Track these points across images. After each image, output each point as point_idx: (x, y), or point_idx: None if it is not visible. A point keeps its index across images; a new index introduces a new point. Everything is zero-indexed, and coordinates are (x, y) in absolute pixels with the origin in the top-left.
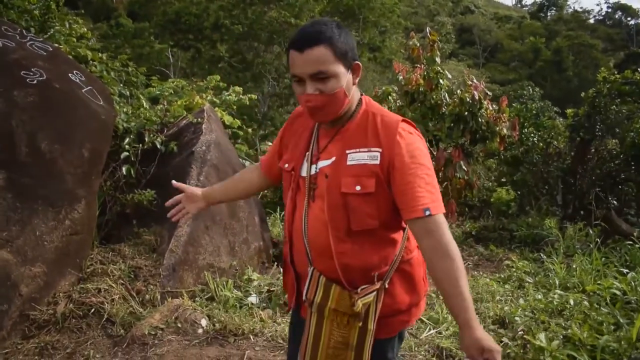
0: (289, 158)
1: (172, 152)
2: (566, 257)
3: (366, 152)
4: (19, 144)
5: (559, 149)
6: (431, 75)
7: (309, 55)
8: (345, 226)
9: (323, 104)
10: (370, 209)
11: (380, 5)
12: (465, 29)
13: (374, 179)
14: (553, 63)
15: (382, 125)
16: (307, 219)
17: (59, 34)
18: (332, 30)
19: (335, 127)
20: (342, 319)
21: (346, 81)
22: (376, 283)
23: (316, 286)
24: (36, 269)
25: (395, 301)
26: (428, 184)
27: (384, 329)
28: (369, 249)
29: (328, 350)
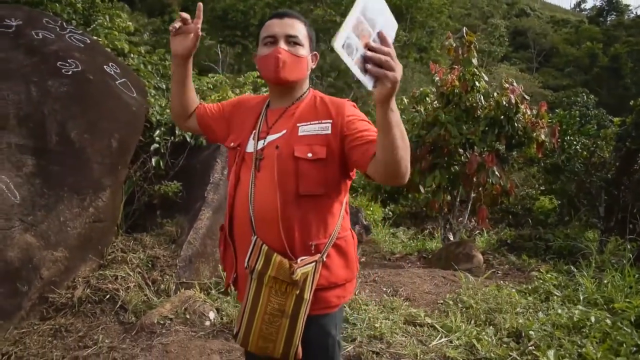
0: (235, 137)
1: (201, 145)
2: (600, 271)
3: (317, 124)
4: (50, 132)
5: (604, 158)
6: (467, 77)
7: (287, 21)
8: (294, 190)
9: (290, 61)
10: (318, 175)
11: (429, 5)
12: (520, 32)
13: (325, 147)
14: (610, 70)
15: (331, 102)
16: (254, 188)
17: (100, 27)
18: (306, 20)
19: (283, 106)
20: (281, 286)
21: (308, 58)
22: (314, 255)
23: (258, 254)
24: (58, 253)
25: (332, 274)
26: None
27: (322, 302)
28: (313, 216)
29: (264, 317)
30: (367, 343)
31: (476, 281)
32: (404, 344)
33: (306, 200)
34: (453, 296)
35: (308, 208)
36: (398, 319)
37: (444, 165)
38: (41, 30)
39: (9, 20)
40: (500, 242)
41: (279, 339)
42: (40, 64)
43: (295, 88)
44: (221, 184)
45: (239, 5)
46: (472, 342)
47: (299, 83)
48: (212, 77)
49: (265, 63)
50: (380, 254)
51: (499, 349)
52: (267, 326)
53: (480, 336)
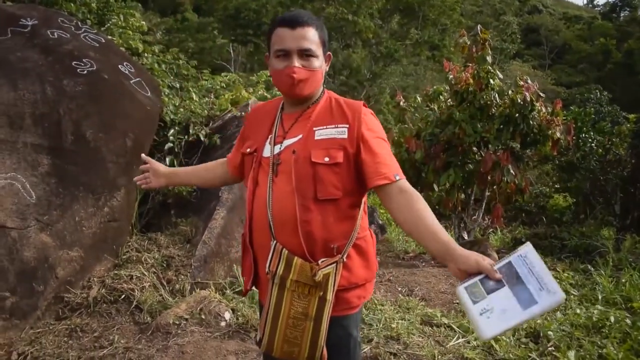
0: (251, 143)
1: (215, 144)
2: (617, 270)
3: (333, 128)
4: (65, 131)
5: (620, 155)
6: (481, 75)
7: (300, 32)
8: (312, 195)
9: (307, 77)
10: (335, 179)
11: (441, 3)
12: (532, 29)
13: (342, 151)
14: (624, 66)
15: (347, 106)
16: (272, 193)
17: (115, 27)
18: (317, 20)
19: (298, 110)
20: (304, 289)
21: (324, 66)
22: (335, 256)
23: (278, 259)
24: (73, 253)
25: (352, 274)
26: (390, 155)
27: (343, 303)
28: (332, 219)
29: (288, 321)
30: (384, 344)
31: None
32: (421, 344)
33: (324, 204)
34: None
35: (327, 212)
36: (414, 319)
37: (458, 163)
38: (56, 30)
39: (24, 20)
40: (515, 241)
41: (304, 342)
42: (56, 63)
43: (316, 93)
44: (235, 184)
45: (251, 4)
46: (490, 342)
47: (318, 90)
48: (224, 76)
49: (280, 79)
50: (394, 253)
51: (517, 349)
52: (292, 330)
53: (498, 337)
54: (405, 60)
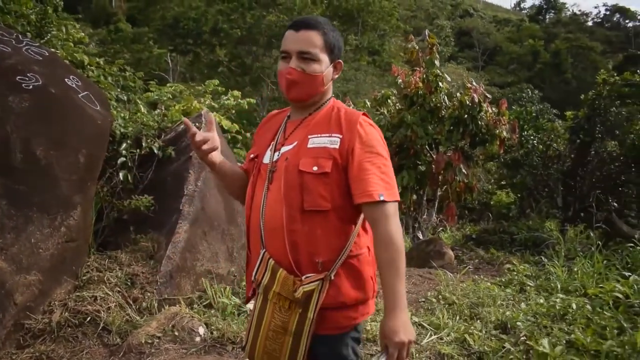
0: (255, 149)
1: (169, 157)
2: (567, 260)
3: (327, 137)
4: (14, 150)
5: (559, 151)
6: (430, 79)
7: (302, 35)
8: (299, 204)
9: (300, 80)
10: (324, 190)
11: (379, 9)
12: (465, 32)
13: (331, 161)
14: (552, 66)
15: (344, 115)
16: (266, 200)
17: (55, 39)
18: (327, 25)
19: (301, 117)
20: (284, 303)
21: (327, 72)
22: (321, 272)
23: (265, 269)
24: (31, 277)
25: (340, 293)
26: (384, 173)
27: (330, 322)
28: (319, 233)
29: (268, 333)
30: (362, 346)
31: (454, 278)
32: None
33: (312, 216)
34: (434, 294)
35: (314, 224)
36: None
37: (411, 165)
38: None
39: None
40: (466, 238)
41: (283, 355)
42: None
43: (315, 100)
44: (196, 196)
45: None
46: (463, 337)
47: (320, 96)
48: (170, 87)
49: (279, 80)
50: None
51: (490, 342)
52: (271, 342)
53: (470, 331)
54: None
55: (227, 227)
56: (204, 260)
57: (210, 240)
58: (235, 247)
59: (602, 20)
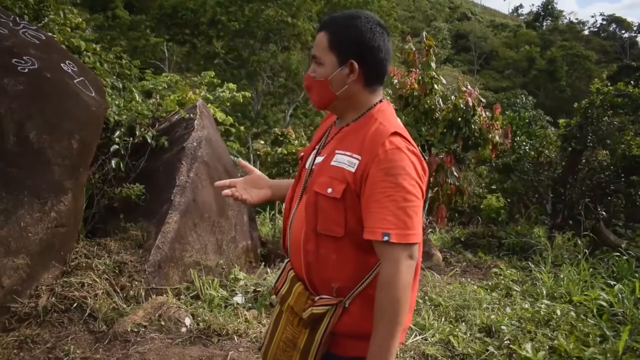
0: (306, 148)
1: (162, 147)
2: (554, 266)
3: (349, 156)
4: (7, 132)
5: (550, 158)
6: (426, 80)
7: (317, 38)
8: (313, 225)
9: (310, 87)
10: (336, 215)
11: (378, 8)
12: (462, 36)
13: (344, 185)
14: (547, 72)
15: (372, 133)
16: (296, 210)
17: (53, 23)
18: (347, 22)
19: (341, 124)
20: (295, 318)
21: (335, 75)
22: (335, 298)
23: (285, 278)
24: (19, 260)
25: (358, 324)
26: (401, 209)
27: (342, 347)
28: (334, 257)
29: (280, 343)
30: None
31: (442, 279)
32: None
33: (325, 240)
34: (420, 294)
35: (328, 248)
36: None
37: None
38: None
39: None
40: (455, 240)
41: None
42: None
43: (345, 108)
44: (187, 187)
45: (189, 3)
46: (447, 338)
47: (342, 103)
48: (166, 77)
49: None
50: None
51: (474, 344)
52: (281, 353)
53: (454, 333)
54: None
55: (218, 219)
56: (192, 251)
57: (200, 232)
58: (224, 240)
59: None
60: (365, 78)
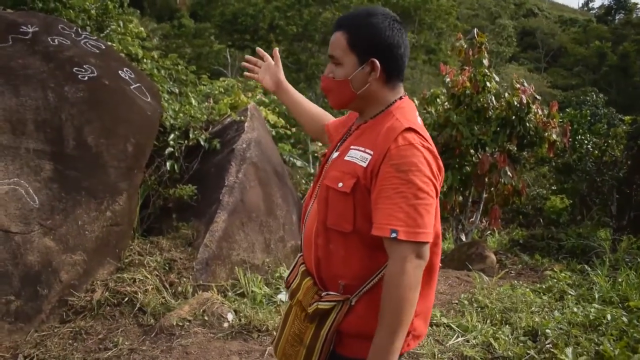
0: (329, 148)
1: (215, 149)
2: (614, 270)
3: (362, 151)
4: (67, 137)
5: (615, 157)
6: (478, 78)
7: (332, 37)
8: (323, 219)
9: (329, 88)
10: (345, 210)
11: (437, 7)
12: (528, 32)
13: (354, 180)
14: (619, 68)
15: (386, 128)
16: (312, 205)
17: (114, 33)
18: (364, 20)
19: (360, 122)
20: (302, 313)
21: (356, 74)
22: (342, 294)
23: (296, 273)
24: (77, 257)
25: (363, 323)
26: (411, 206)
27: (348, 347)
28: (342, 253)
29: (288, 337)
30: None
31: (490, 281)
32: (421, 343)
33: (334, 235)
34: (468, 296)
35: (337, 244)
36: None
37: (456, 166)
38: (57, 37)
39: (25, 27)
40: (513, 242)
41: None
42: (57, 69)
43: (365, 106)
44: (236, 187)
45: (248, 9)
46: (489, 341)
47: (362, 101)
48: (223, 81)
49: None
50: None
51: (516, 347)
52: (289, 347)
53: (497, 335)
54: None
55: (266, 219)
56: (240, 249)
57: (247, 231)
58: (272, 239)
59: None
60: (386, 75)
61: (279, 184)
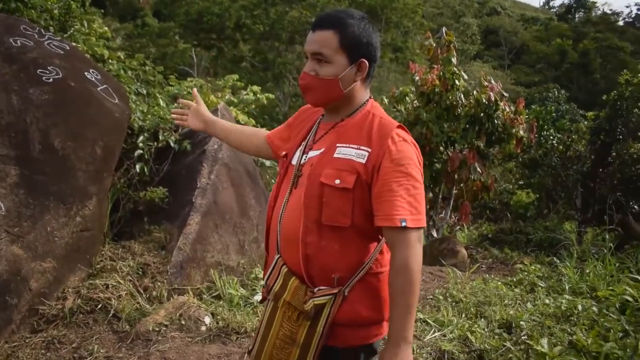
0: (288, 146)
1: (185, 150)
2: (581, 261)
3: (355, 149)
4: (33, 140)
5: (579, 152)
6: (447, 76)
7: (317, 35)
8: (316, 217)
9: (313, 86)
10: (344, 205)
11: (403, 5)
12: (491, 31)
13: (355, 176)
14: (580, 65)
15: (377, 127)
16: (286, 205)
17: (78, 33)
18: (350, 21)
19: (333, 121)
20: (293, 313)
21: (345, 74)
22: (335, 287)
23: (277, 275)
24: (46, 264)
25: (355, 311)
26: (412, 196)
27: (341, 338)
28: (336, 247)
29: (276, 342)
30: None
31: (463, 276)
32: None
33: (330, 230)
34: (442, 291)
35: (331, 239)
36: None
37: (426, 163)
38: (19, 38)
39: None
40: (482, 237)
41: None
42: (20, 71)
43: (343, 104)
44: (208, 189)
45: (213, 8)
46: (466, 334)
47: (343, 100)
48: (191, 81)
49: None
50: None
51: (492, 340)
52: (278, 352)
53: (473, 329)
54: None
55: (239, 220)
56: (214, 251)
57: (221, 233)
58: (246, 240)
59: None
60: (366, 75)
61: (251, 185)
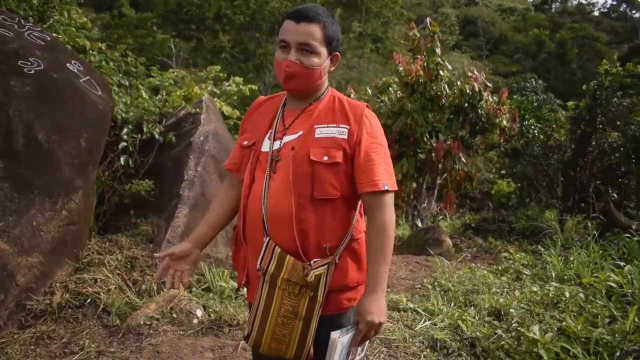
0: (249, 136)
1: (170, 142)
2: (564, 249)
3: (335, 127)
4: (16, 133)
5: (560, 141)
6: (431, 67)
7: (303, 27)
8: (309, 193)
9: (299, 73)
10: (333, 179)
11: None
12: (469, 21)
13: (341, 151)
14: (557, 55)
15: (349, 107)
16: (268, 189)
17: (58, 24)
18: (327, 17)
19: (301, 107)
20: (294, 288)
21: (324, 65)
22: (328, 256)
23: (270, 256)
24: (33, 259)
25: (344, 276)
26: (386, 163)
27: (333, 304)
28: (328, 219)
29: (278, 319)
30: None
31: (450, 265)
32: (391, 329)
33: (321, 204)
34: (430, 280)
35: (323, 211)
36: None
37: (411, 153)
38: None
39: None
40: (466, 226)
41: (292, 340)
42: (1, 63)
43: (314, 91)
44: (196, 181)
45: None
46: (457, 323)
47: (317, 87)
48: (172, 73)
49: (277, 71)
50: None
51: (483, 328)
52: (281, 328)
53: (464, 317)
54: (349, 53)
55: None
56: None
57: None
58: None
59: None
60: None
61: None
